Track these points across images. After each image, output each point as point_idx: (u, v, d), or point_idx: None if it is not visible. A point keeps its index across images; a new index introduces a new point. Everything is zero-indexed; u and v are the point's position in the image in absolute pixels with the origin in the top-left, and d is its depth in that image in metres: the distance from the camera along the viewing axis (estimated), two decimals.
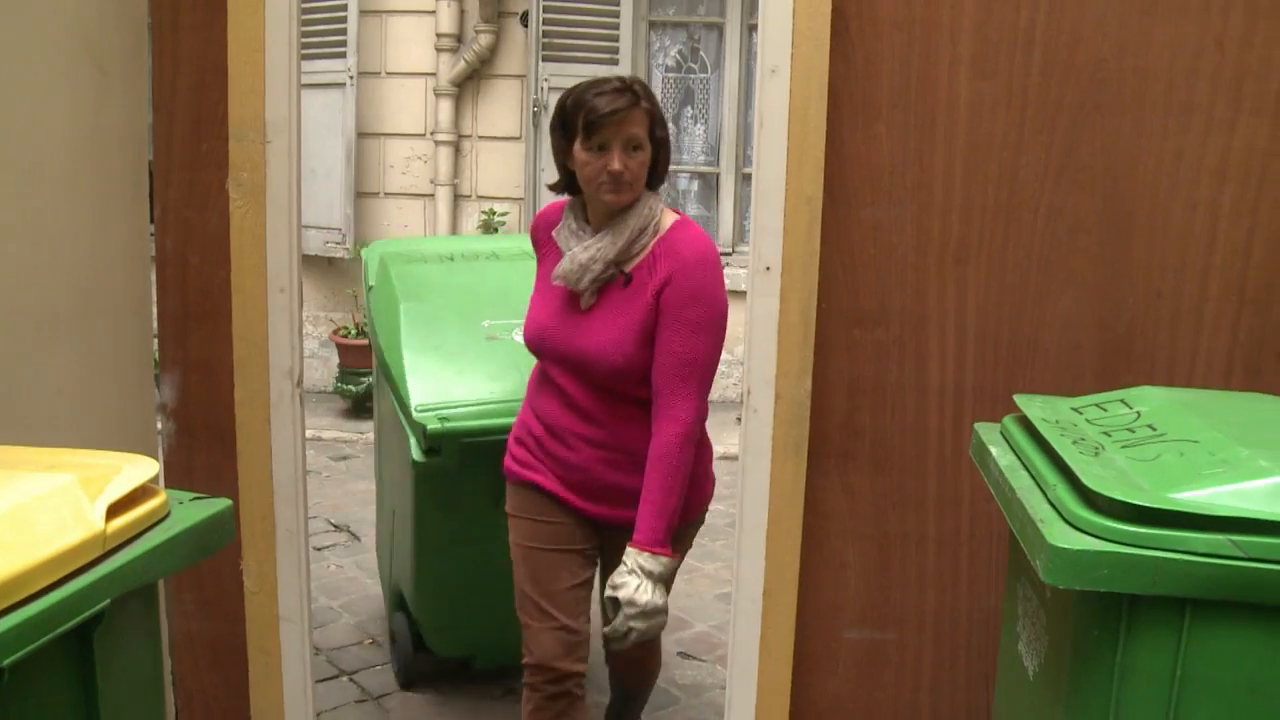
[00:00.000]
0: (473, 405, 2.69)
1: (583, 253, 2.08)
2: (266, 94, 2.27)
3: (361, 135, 6.90)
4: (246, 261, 2.33)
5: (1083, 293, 2.21)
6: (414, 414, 2.67)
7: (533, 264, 2.33)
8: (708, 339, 2.07)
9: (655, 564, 2.05)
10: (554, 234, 2.17)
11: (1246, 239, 2.16)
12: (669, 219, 2.13)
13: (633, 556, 2.06)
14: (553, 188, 2.21)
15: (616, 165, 2.02)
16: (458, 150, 6.99)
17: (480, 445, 2.61)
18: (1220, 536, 1.30)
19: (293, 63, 2.28)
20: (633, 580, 2.04)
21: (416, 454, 2.64)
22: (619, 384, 2.11)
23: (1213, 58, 2.11)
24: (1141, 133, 2.15)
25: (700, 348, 2.06)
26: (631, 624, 2.05)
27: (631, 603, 2.04)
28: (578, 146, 2.05)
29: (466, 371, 2.79)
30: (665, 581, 2.09)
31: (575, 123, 2.04)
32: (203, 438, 2.41)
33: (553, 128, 2.13)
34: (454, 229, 7.04)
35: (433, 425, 2.60)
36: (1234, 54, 2.11)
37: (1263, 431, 1.55)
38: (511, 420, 2.35)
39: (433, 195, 6.99)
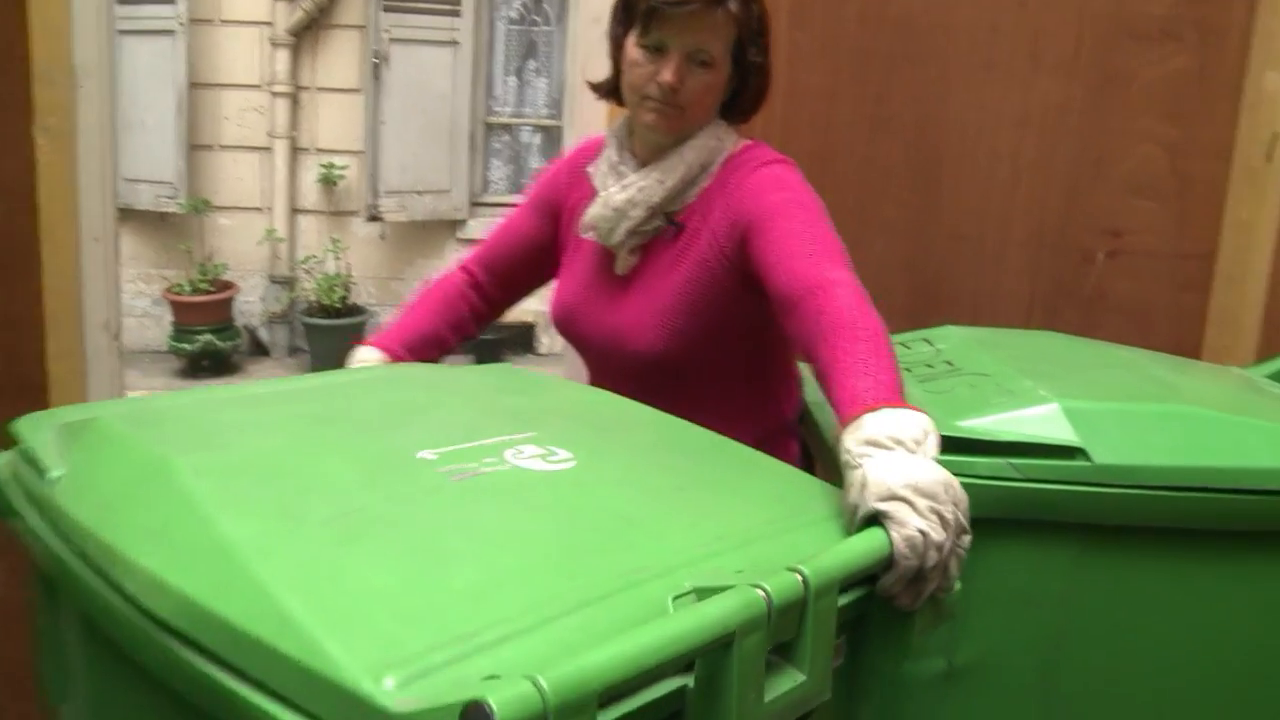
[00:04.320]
0: (498, 632, 0.77)
1: (620, 193, 1.55)
2: (74, 35, 2.17)
3: (194, 85, 6.64)
4: (56, 210, 2.23)
5: (893, 238, 2.31)
6: (352, 689, 0.70)
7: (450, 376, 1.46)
8: (821, 218, 1.46)
9: (903, 426, 1.11)
10: (588, 170, 1.63)
11: (1044, 188, 2.29)
12: (738, 147, 1.59)
13: (856, 430, 1.11)
14: (595, 88, 1.66)
15: (668, 76, 1.49)
16: (295, 102, 6.80)
17: None
18: (1001, 460, 1.39)
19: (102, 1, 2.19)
20: (880, 455, 1.08)
21: None
22: (672, 383, 1.53)
23: (1012, 16, 2.23)
24: (948, 85, 2.26)
25: (819, 225, 1.44)
26: (892, 510, 1.03)
27: (881, 483, 1.04)
28: (631, 39, 1.53)
29: (437, 561, 0.87)
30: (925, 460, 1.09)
31: (636, 6, 1.52)
32: (10, 395, 2.30)
33: (614, 8, 1.59)
34: (292, 182, 6.86)
35: (408, 696, 0.69)
36: (1034, 13, 2.23)
37: (1047, 365, 1.65)
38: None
39: (270, 148, 6.79)
